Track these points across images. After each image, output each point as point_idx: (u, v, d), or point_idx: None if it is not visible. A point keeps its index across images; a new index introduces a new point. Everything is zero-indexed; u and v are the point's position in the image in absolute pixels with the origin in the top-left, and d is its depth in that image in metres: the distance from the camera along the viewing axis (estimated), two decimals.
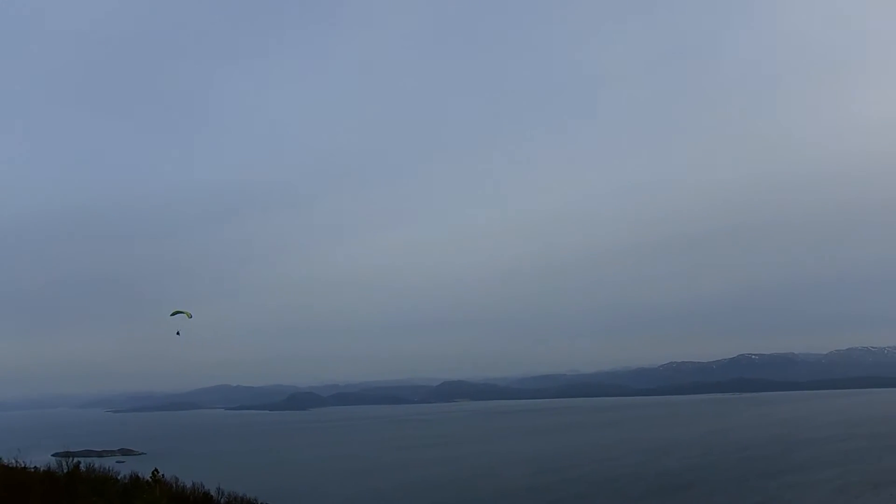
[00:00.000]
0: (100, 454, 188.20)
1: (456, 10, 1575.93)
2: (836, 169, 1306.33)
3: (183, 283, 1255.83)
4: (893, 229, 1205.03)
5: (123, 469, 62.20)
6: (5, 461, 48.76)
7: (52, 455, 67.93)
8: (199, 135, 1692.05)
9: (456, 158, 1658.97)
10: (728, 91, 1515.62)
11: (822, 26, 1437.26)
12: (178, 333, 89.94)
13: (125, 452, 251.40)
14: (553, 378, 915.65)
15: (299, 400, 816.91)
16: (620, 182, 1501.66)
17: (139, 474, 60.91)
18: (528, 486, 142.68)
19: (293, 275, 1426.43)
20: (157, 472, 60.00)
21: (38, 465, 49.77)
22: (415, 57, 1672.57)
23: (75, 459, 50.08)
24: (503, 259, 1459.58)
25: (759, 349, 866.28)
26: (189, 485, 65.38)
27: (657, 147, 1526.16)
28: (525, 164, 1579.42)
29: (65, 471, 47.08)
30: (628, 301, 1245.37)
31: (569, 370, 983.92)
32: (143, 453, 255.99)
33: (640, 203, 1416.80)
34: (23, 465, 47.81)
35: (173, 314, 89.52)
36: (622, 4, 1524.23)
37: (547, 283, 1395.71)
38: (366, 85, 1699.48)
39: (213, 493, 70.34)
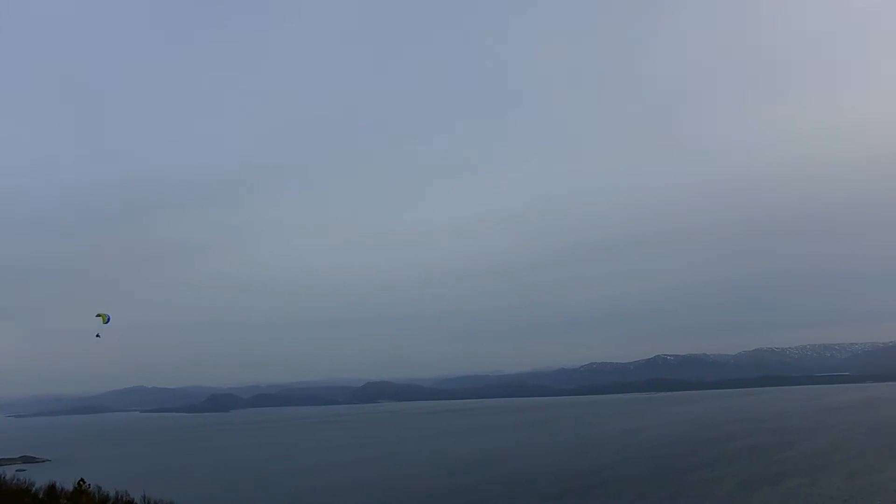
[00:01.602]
0: None
1: (383, 16, 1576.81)
2: (751, 176, 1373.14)
3: (94, 280, 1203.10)
4: (805, 238, 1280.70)
5: (24, 478, 58.44)
6: None
7: None
8: (110, 130, 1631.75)
9: (373, 161, 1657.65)
10: (648, 101, 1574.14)
11: (742, 37, 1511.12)
12: (97, 336, 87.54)
13: (27, 460, 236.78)
14: (476, 379, 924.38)
15: (219, 401, 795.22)
16: (542, 187, 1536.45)
17: (56, 483, 57.22)
18: (449, 486, 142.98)
19: (214, 274, 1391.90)
20: (84, 483, 56.42)
21: None
22: (339, 57, 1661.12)
23: None
24: (428, 260, 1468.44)
25: (675, 350, 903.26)
26: (113, 493, 61.99)
27: (577, 156, 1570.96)
28: (450, 168, 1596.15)
29: None
30: (550, 304, 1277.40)
31: (492, 371, 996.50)
32: (46, 460, 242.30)
33: (561, 208, 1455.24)
34: None
35: (106, 321, 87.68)
36: (545, 16, 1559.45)
37: (472, 285, 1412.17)
38: (283, 86, 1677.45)
39: (137, 500, 67.00)
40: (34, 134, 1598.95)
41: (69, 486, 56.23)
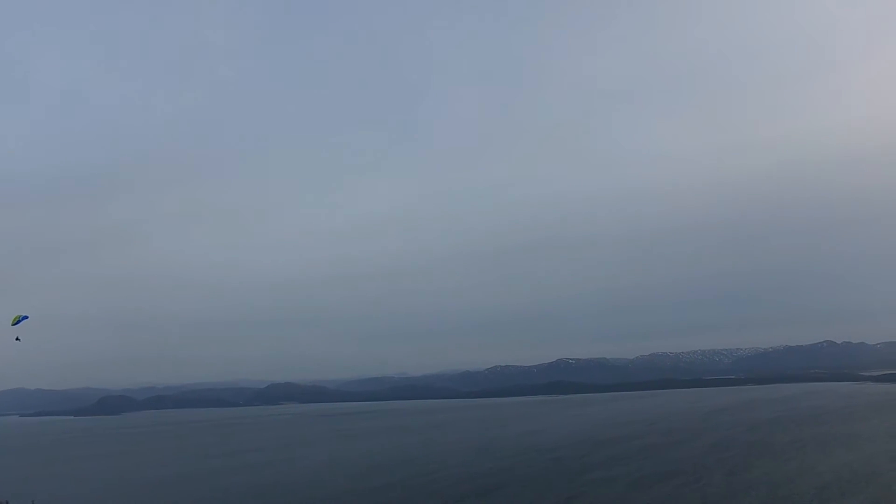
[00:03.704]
0: None
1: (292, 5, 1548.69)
2: (654, 185, 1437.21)
3: None
4: (698, 247, 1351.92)
5: None
6: None
7: None
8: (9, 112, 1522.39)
9: (293, 157, 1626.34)
10: (560, 107, 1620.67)
11: (663, 46, 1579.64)
12: (17, 339, 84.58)
13: None
14: (382, 381, 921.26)
15: (110, 404, 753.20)
16: (446, 190, 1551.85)
17: None
18: (348, 489, 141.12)
19: (110, 271, 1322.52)
20: None
21: None
22: (251, 46, 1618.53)
23: None
24: (334, 260, 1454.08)
25: (576, 354, 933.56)
26: None
27: (485, 158, 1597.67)
28: (355, 168, 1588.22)
29: None
30: (454, 307, 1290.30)
31: (397, 373, 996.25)
32: None
33: (465, 211, 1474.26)
34: None
35: (15, 322, 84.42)
36: (453, 15, 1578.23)
37: (377, 286, 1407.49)
38: (194, 72, 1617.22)
39: None
40: None
41: None
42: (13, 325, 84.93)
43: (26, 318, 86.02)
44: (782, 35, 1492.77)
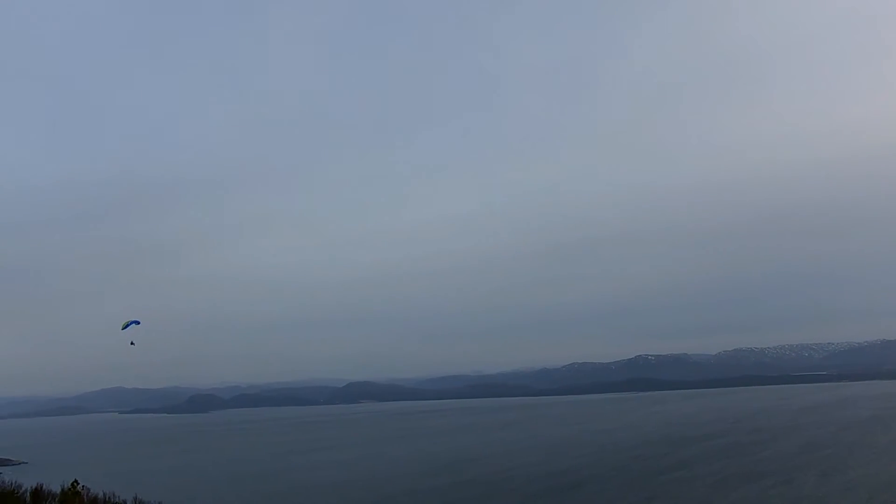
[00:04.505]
0: None
1: (356, 14, 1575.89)
2: (732, 178, 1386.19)
3: (66, 280, 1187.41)
4: (778, 237, 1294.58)
5: (6, 479, 57.02)
6: None
7: None
8: (73, 125, 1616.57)
9: (364, 158, 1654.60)
10: (625, 102, 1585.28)
11: (722, 38, 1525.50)
12: (132, 343, 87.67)
13: (2, 462, 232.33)
14: (458, 379, 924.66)
15: (199, 402, 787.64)
16: (517, 187, 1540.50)
17: (42, 485, 55.92)
18: (428, 487, 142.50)
19: (194, 273, 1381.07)
20: (77, 484, 55.43)
21: None
22: (318, 56, 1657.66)
23: None
24: (403, 260, 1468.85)
25: (655, 350, 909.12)
26: (101, 495, 61.00)
27: (556, 155, 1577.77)
28: (426, 169, 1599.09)
29: None
30: (531, 304, 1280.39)
31: (473, 371, 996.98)
32: (23, 462, 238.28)
33: (542, 207, 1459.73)
34: None
35: (124, 327, 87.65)
36: (522, 12, 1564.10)
37: (454, 284, 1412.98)
38: (261, 83, 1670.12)
39: (129, 502, 65.88)
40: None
41: (52, 489, 55.21)
42: (123, 329, 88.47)
43: (136, 322, 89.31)
44: (832, 23, 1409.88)
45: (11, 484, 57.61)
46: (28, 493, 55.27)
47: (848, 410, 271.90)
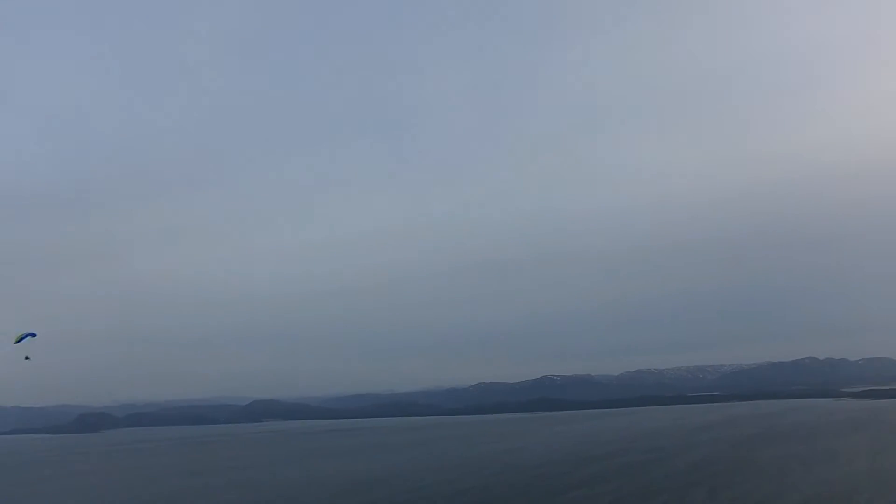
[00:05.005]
0: None
1: (278, 30, 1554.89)
2: (631, 201, 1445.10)
3: None
4: (683, 264, 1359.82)
5: None
6: None
7: None
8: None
9: (284, 170, 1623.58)
10: (548, 125, 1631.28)
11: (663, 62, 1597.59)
12: (27, 358, 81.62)
13: None
14: (367, 397, 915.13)
15: (90, 421, 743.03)
16: (430, 206, 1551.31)
17: None
18: None
19: (89, 285, 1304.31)
20: None
21: None
22: (242, 57, 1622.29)
23: None
24: (315, 277, 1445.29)
25: (561, 371, 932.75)
26: None
27: (467, 175, 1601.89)
28: (340, 184, 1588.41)
29: None
30: (440, 322, 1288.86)
31: (383, 389, 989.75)
32: None
33: (450, 227, 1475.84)
34: None
35: (18, 340, 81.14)
36: (441, 35, 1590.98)
37: (360, 302, 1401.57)
38: (178, 85, 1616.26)
39: None
40: None
41: None
42: (16, 342, 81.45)
43: (33, 335, 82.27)
44: (775, 51, 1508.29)
45: None
46: None
47: (736, 429, 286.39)
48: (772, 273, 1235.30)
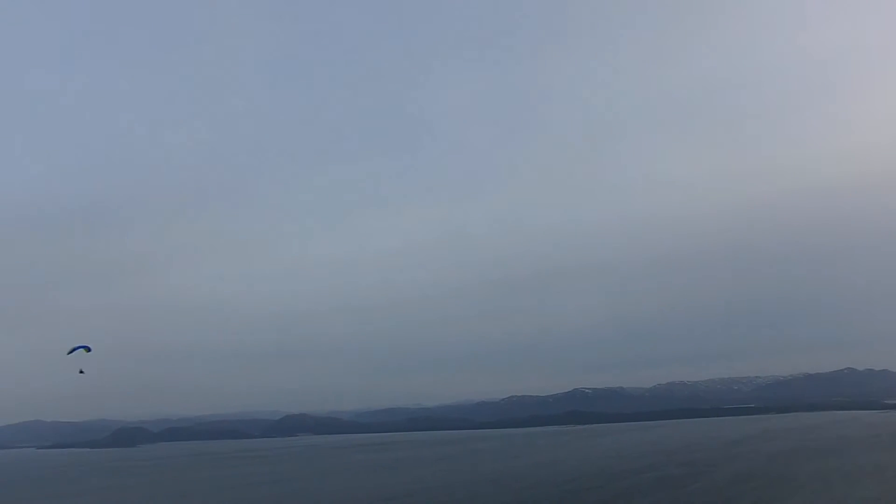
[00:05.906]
0: None
1: (298, 43, 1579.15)
2: (670, 215, 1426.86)
3: None
4: (712, 274, 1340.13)
5: None
6: None
7: None
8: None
9: (303, 188, 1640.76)
10: (569, 137, 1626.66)
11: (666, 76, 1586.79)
12: (81, 372, 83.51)
13: None
14: (397, 412, 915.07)
15: (126, 436, 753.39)
16: (456, 221, 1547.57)
17: None
18: None
19: (121, 300, 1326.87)
20: None
21: None
22: (266, 77, 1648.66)
23: None
24: (345, 292, 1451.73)
25: (592, 384, 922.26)
26: None
27: (492, 190, 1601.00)
28: (363, 201, 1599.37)
29: None
30: (471, 336, 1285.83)
31: (413, 404, 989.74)
32: None
33: (479, 241, 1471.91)
34: None
35: (70, 351, 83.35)
36: (455, 50, 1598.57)
37: (391, 317, 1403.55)
38: (202, 103, 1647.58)
39: None
40: None
41: None
42: (69, 353, 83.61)
43: (87, 348, 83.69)
44: (790, 61, 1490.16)
45: None
46: None
47: (774, 442, 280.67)
48: (805, 282, 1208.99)
